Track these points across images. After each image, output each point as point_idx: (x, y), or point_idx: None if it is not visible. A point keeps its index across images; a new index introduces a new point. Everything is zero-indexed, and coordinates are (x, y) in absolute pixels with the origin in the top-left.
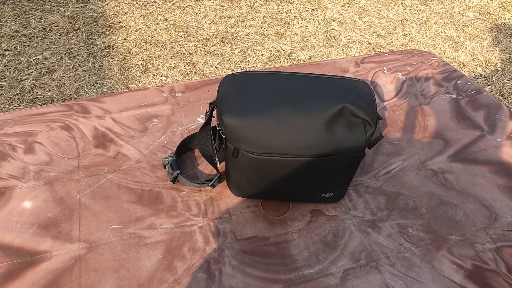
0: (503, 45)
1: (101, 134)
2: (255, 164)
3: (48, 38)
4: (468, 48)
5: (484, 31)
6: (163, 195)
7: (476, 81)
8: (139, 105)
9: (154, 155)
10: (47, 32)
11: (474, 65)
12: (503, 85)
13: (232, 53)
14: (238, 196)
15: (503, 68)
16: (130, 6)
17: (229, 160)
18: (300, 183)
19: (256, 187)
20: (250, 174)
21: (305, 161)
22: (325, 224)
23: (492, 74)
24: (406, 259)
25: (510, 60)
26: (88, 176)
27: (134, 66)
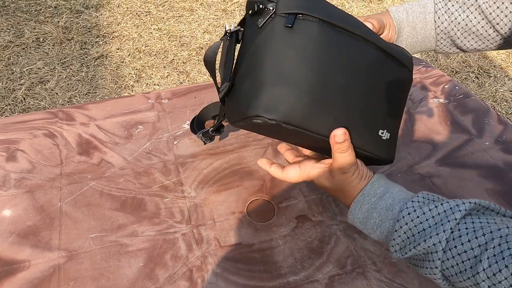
0: (495, 51)
1: (85, 141)
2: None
3: (42, 48)
4: (460, 55)
5: None
6: (146, 202)
7: (469, 88)
8: (124, 111)
9: (139, 161)
10: (41, 42)
11: (467, 71)
12: (496, 91)
13: None
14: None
15: (496, 74)
16: (124, 16)
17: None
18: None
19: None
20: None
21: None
22: (311, 229)
23: (485, 81)
24: (393, 265)
25: (502, 67)
26: (70, 183)
27: (127, 75)
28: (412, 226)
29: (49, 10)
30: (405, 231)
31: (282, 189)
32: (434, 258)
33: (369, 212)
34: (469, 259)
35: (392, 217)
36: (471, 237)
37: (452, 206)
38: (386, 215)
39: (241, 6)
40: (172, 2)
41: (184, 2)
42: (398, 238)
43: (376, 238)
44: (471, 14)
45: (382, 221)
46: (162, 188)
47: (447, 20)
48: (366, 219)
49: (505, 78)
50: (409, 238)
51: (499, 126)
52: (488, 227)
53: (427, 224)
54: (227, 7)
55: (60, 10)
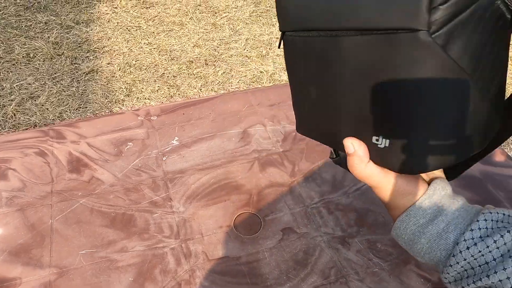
0: None
1: (75, 159)
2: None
3: (32, 63)
4: None
5: None
6: (136, 218)
7: None
8: (114, 129)
9: (128, 178)
10: (31, 58)
11: None
12: None
13: (215, 74)
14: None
15: None
16: (114, 31)
17: None
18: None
19: None
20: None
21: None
22: (296, 242)
23: None
24: (375, 274)
25: None
26: (61, 201)
27: (118, 90)
28: (472, 260)
29: (40, 26)
30: (462, 266)
31: (268, 203)
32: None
33: (415, 235)
34: None
35: (445, 247)
36: None
37: None
38: (437, 244)
39: (230, 20)
40: (162, 16)
41: (174, 17)
42: (453, 272)
43: (424, 262)
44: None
45: (432, 249)
46: (151, 204)
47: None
48: (412, 242)
49: None
50: (467, 271)
51: None
52: None
53: (490, 256)
54: (217, 21)
55: (50, 26)
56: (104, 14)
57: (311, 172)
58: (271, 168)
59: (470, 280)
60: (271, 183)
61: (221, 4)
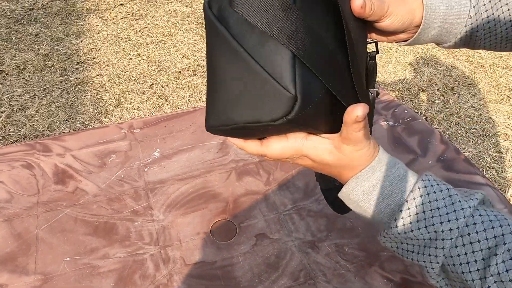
0: (458, 70)
1: (61, 171)
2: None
3: (22, 75)
4: (426, 74)
5: (441, 58)
6: (117, 226)
7: (435, 105)
8: (98, 142)
9: (111, 188)
10: (21, 70)
11: (433, 89)
12: (460, 108)
13: (204, 85)
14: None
15: (459, 91)
16: (104, 43)
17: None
18: None
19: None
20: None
21: None
22: (268, 246)
23: (449, 98)
24: (341, 276)
25: (466, 84)
26: (46, 211)
27: (107, 101)
28: (427, 201)
29: (30, 38)
30: (417, 205)
31: (244, 210)
32: (444, 245)
33: (379, 180)
34: (482, 250)
35: (406, 188)
36: (487, 226)
37: (467, 191)
38: (399, 186)
39: None
40: (151, 28)
41: (163, 28)
42: (407, 211)
43: (377, 212)
44: (501, 14)
45: (392, 192)
46: (132, 213)
47: (478, 17)
48: (373, 187)
49: (468, 95)
50: (419, 214)
51: (441, 146)
52: (504, 219)
53: (442, 202)
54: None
55: (40, 38)
56: (94, 26)
57: (285, 181)
58: (247, 177)
59: (422, 224)
60: (247, 191)
61: None
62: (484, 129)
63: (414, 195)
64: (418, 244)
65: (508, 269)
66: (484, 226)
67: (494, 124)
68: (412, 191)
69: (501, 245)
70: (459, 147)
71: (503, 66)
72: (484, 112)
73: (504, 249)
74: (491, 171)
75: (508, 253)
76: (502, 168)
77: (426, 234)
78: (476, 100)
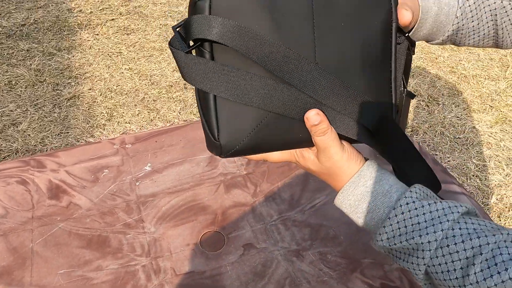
0: (443, 81)
1: (55, 186)
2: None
3: (14, 90)
4: (411, 85)
5: (426, 69)
6: (110, 239)
7: (420, 115)
8: (91, 157)
9: (104, 202)
10: (13, 85)
11: (418, 100)
12: (444, 118)
13: (194, 98)
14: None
15: (444, 102)
16: (95, 57)
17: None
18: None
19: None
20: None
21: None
22: (255, 256)
23: (434, 108)
24: (325, 283)
25: (450, 95)
26: (41, 225)
27: (99, 115)
28: (408, 217)
29: (22, 53)
30: (398, 221)
31: (232, 221)
32: (425, 255)
33: (363, 195)
34: (460, 260)
35: (389, 204)
36: (465, 238)
37: (450, 205)
38: (382, 201)
39: None
40: (143, 42)
41: (154, 43)
42: (390, 227)
43: (364, 224)
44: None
45: (376, 207)
46: (124, 226)
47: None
48: (358, 202)
49: (452, 105)
50: (401, 229)
51: None
52: (482, 231)
53: (423, 218)
54: None
55: (32, 53)
56: (86, 41)
57: (271, 192)
58: (235, 189)
59: (403, 237)
60: (235, 203)
61: None
62: (468, 138)
63: (396, 212)
64: (403, 252)
65: (485, 277)
66: (463, 238)
67: (477, 133)
68: (395, 208)
69: (478, 256)
70: (444, 156)
71: (485, 76)
72: (467, 121)
73: (482, 259)
74: (475, 179)
75: (486, 263)
76: (486, 176)
77: (408, 245)
78: (460, 110)
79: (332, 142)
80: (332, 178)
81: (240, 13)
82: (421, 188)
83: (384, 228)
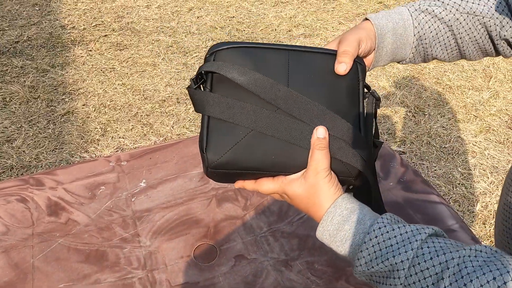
0: (428, 92)
1: (53, 204)
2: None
3: (8, 107)
4: (398, 96)
5: (412, 80)
6: (108, 253)
7: (407, 126)
8: (88, 175)
9: (101, 218)
10: (7, 102)
11: (405, 111)
12: (430, 128)
13: (187, 112)
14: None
15: (430, 112)
16: (89, 73)
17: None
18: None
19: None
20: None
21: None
22: (246, 267)
23: (421, 119)
24: None
25: (435, 105)
26: (41, 242)
27: (93, 130)
28: (381, 240)
29: (15, 70)
30: (373, 245)
31: (224, 234)
32: (400, 275)
33: (340, 224)
34: (431, 276)
35: (363, 230)
36: (433, 255)
37: (418, 227)
38: (357, 229)
39: (200, 60)
40: (136, 58)
41: (146, 58)
42: (366, 251)
43: (344, 252)
44: (440, 25)
45: (353, 234)
46: (121, 240)
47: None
48: (336, 231)
49: (438, 115)
50: (376, 252)
51: (401, 169)
52: (447, 248)
53: (395, 240)
54: (188, 61)
55: (26, 70)
56: (79, 57)
57: (261, 205)
58: (226, 203)
59: (379, 260)
60: (227, 216)
61: (192, 45)
62: (454, 147)
63: (370, 236)
64: (382, 275)
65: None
66: (431, 255)
67: (462, 143)
68: (369, 233)
69: (445, 270)
70: (431, 165)
71: (469, 87)
72: (453, 131)
73: (449, 273)
74: (461, 187)
75: (454, 276)
76: (471, 184)
77: (384, 267)
78: (445, 120)
79: (326, 157)
80: (311, 202)
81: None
82: (392, 215)
83: (362, 252)
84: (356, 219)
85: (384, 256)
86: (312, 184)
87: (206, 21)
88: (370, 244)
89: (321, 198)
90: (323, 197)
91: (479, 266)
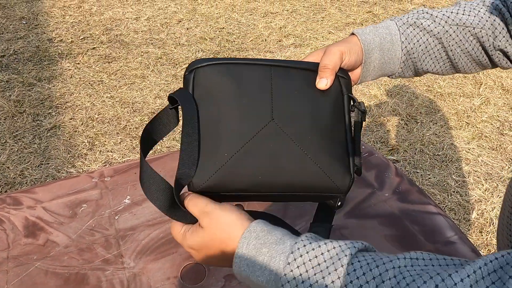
0: (420, 99)
1: (31, 224)
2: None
3: None
4: (390, 105)
5: (403, 88)
6: (88, 277)
7: (400, 134)
8: (69, 192)
9: (82, 238)
10: None
11: (397, 119)
12: (423, 136)
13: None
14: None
15: (422, 120)
16: (77, 87)
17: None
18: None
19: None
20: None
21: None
22: (236, 286)
23: (413, 126)
24: None
25: (427, 113)
26: (16, 266)
27: (80, 144)
28: (307, 260)
29: (1, 85)
30: (298, 265)
31: None
32: None
33: (257, 248)
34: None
35: (283, 250)
36: (366, 270)
37: (346, 242)
38: (276, 249)
39: None
40: (124, 70)
41: (135, 70)
42: (290, 273)
43: (264, 280)
44: (430, 38)
45: (272, 257)
46: (103, 262)
47: (410, 41)
48: (254, 258)
49: (430, 123)
50: (303, 275)
51: (396, 179)
52: (380, 260)
53: (322, 258)
54: (177, 73)
55: (12, 84)
56: (67, 70)
57: None
58: None
59: (307, 283)
60: None
61: (181, 56)
62: (447, 155)
63: (294, 256)
64: None
65: None
66: (363, 270)
67: (455, 150)
68: (293, 252)
69: (381, 285)
70: (425, 173)
71: (460, 94)
72: (445, 138)
73: (387, 286)
74: (456, 195)
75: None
76: (466, 191)
77: None
78: (438, 127)
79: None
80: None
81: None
82: (311, 234)
83: (286, 276)
84: (274, 239)
85: (313, 278)
86: (208, 223)
87: (196, 32)
88: (295, 265)
89: (228, 230)
90: (230, 227)
91: (417, 275)
